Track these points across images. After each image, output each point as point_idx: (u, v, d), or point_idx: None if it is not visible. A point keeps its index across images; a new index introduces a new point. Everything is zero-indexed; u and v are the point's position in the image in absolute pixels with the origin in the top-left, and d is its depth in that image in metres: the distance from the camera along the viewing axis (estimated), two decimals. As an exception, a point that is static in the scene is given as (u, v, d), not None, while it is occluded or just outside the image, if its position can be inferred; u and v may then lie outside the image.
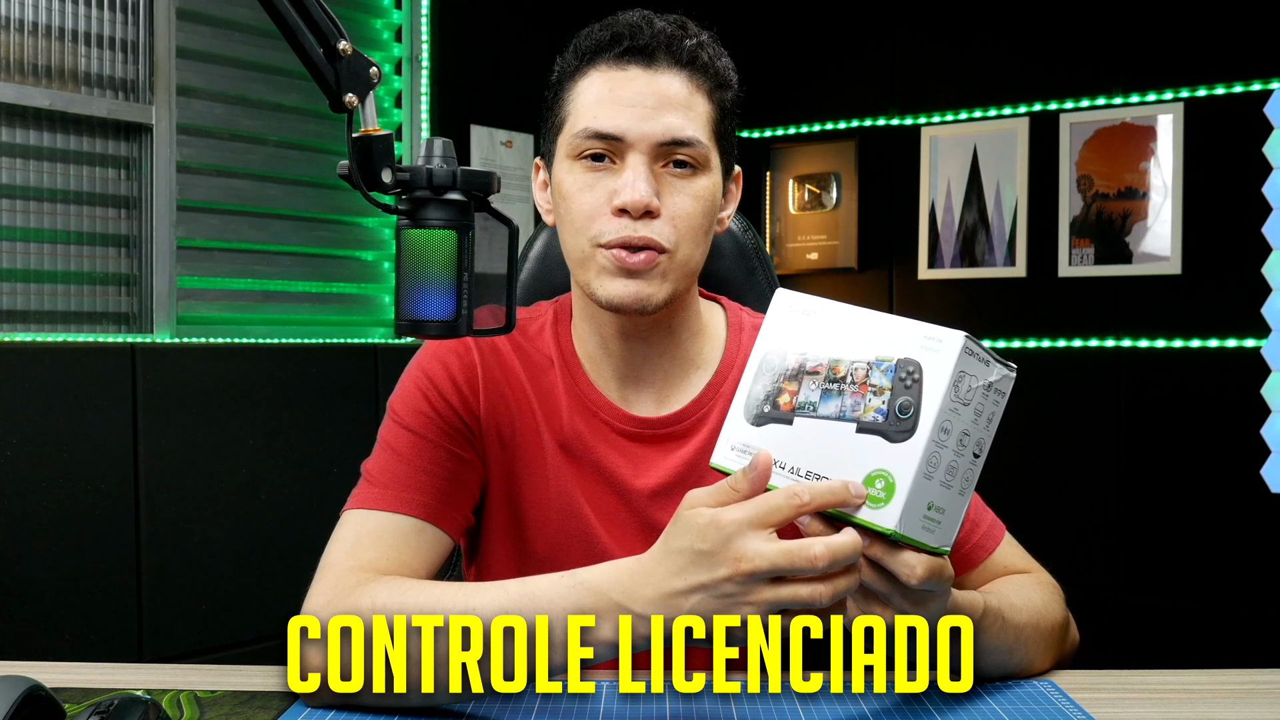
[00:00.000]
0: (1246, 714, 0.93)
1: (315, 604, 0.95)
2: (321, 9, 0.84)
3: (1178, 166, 3.27)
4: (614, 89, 1.04)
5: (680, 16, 1.09)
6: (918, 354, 0.80)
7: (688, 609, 0.80)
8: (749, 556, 0.78)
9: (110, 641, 2.47)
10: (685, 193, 1.04)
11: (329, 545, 1.02)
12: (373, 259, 3.21)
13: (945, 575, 0.83)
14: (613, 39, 1.05)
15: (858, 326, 0.84)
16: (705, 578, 0.79)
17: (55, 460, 2.41)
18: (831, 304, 0.87)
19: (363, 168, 0.84)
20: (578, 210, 1.05)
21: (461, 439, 1.09)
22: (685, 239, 1.04)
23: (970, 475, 0.82)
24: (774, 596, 0.79)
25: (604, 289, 1.04)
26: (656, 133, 1.03)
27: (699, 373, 1.14)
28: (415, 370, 1.12)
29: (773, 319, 0.89)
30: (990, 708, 0.93)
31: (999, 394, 0.82)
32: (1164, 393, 3.31)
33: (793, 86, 4.00)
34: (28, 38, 2.51)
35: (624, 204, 1.02)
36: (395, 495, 1.04)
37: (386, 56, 3.20)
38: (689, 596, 0.80)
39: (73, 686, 0.96)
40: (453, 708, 0.92)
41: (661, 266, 1.04)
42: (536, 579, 0.89)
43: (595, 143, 1.03)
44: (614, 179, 1.04)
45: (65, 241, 2.60)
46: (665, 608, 0.81)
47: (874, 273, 3.84)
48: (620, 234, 1.02)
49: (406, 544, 1.02)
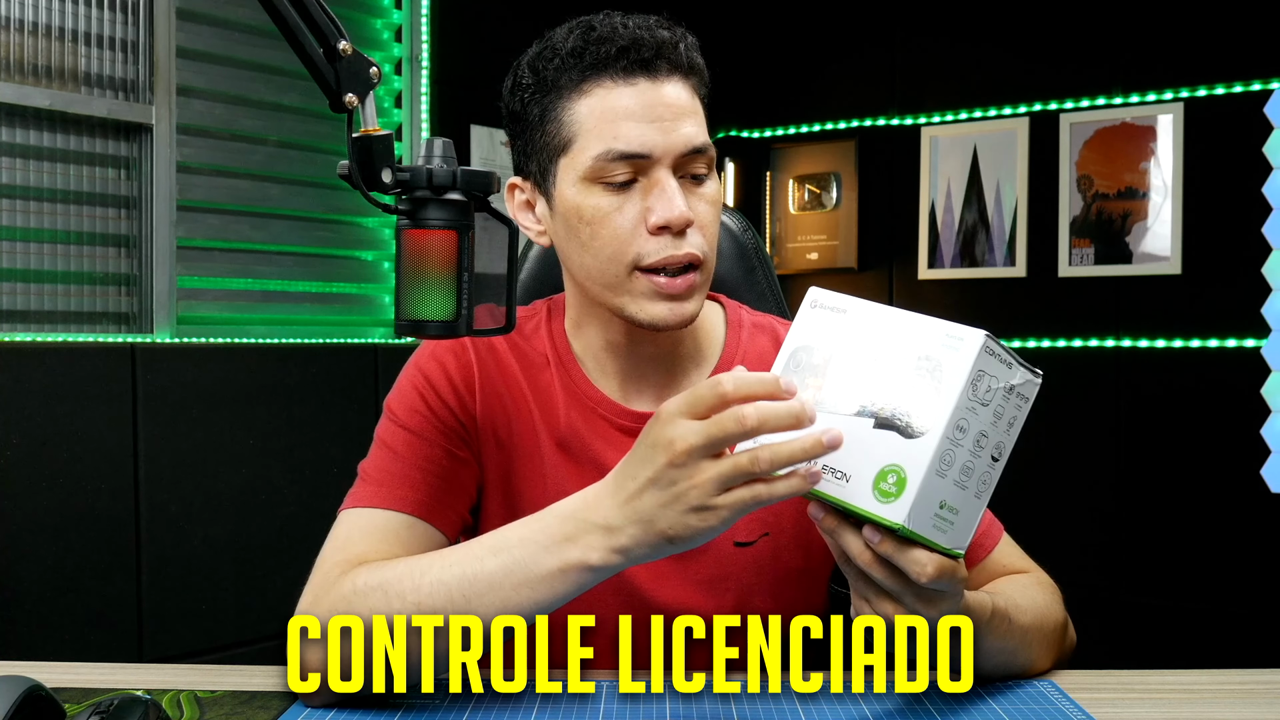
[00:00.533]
0: (1246, 714, 0.93)
1: (304, 602, 0.96)
2: (321, 9, 0.84)
3: (1178, 166, 3.27)
4: (631, 106, 1.01)
5: (661, 18, 1.06)
6: (937, 351, 0.81)
7: (646, 509, 0.82)
8: (680, 436, 0.80)
9: (110, 641, 2.47)
10: (705, 200, 1.04)
11: (324, 545, 1.02)
12: (373, 259, 3.21)
13: (958, 576, 0.83)
14: (618, 53, 1.01)
15: (884, 324, 0.85)
16: (650, 471, 0.82)
17: (55, 460, 2.41)
18: (863, 303, 0.87)
19: (363, 168, 0.84)
20: (610, 234, 1.02)
21: (458, 439, 1.09)
22: (712, 246, 1.05)
23: (988, 478, 0.82)
24: (716, 472, 0.80)
25: (644, 312, 1.04)
26: (679, 145, 1.01)
27: (697, 369, 1.14)
28: (412, 370, 1.12)
29: (804, 315, 0.89)
30: (990, 708, 0.93)
31: (1021, 398, 0.82)
32: (1164, 393, 3.31)
33: (793, 86, 4.00)
34: (28, 38, 2.51)
35: (667, 221, 1.00)
36: (389, 492, 1.04)
37: (386, 56, 3.20)
38: (643, 495, 0.82)
39: (73, 686, 0.96)
40: (452, 709, 0.92)
41: (699, 282, 1.04)
42: (508, 525, 0.91)
43: (622, 164, 1.01)
44: (642, 197, 1.02)
45: (65, 241, 2.60)
46: (626, 512, 0.83)
47: (874, 273, 3.84)
48: (663, 253, 1.01)
49: (397, 539, 1.02)
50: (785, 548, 1.10)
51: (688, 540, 0.82)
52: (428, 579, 0.89)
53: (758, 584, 1.09)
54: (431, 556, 0.93)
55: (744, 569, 1.09)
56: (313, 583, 0.97)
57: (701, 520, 0.81)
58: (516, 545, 0.88)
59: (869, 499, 0.80)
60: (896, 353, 0.82)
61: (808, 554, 1.11)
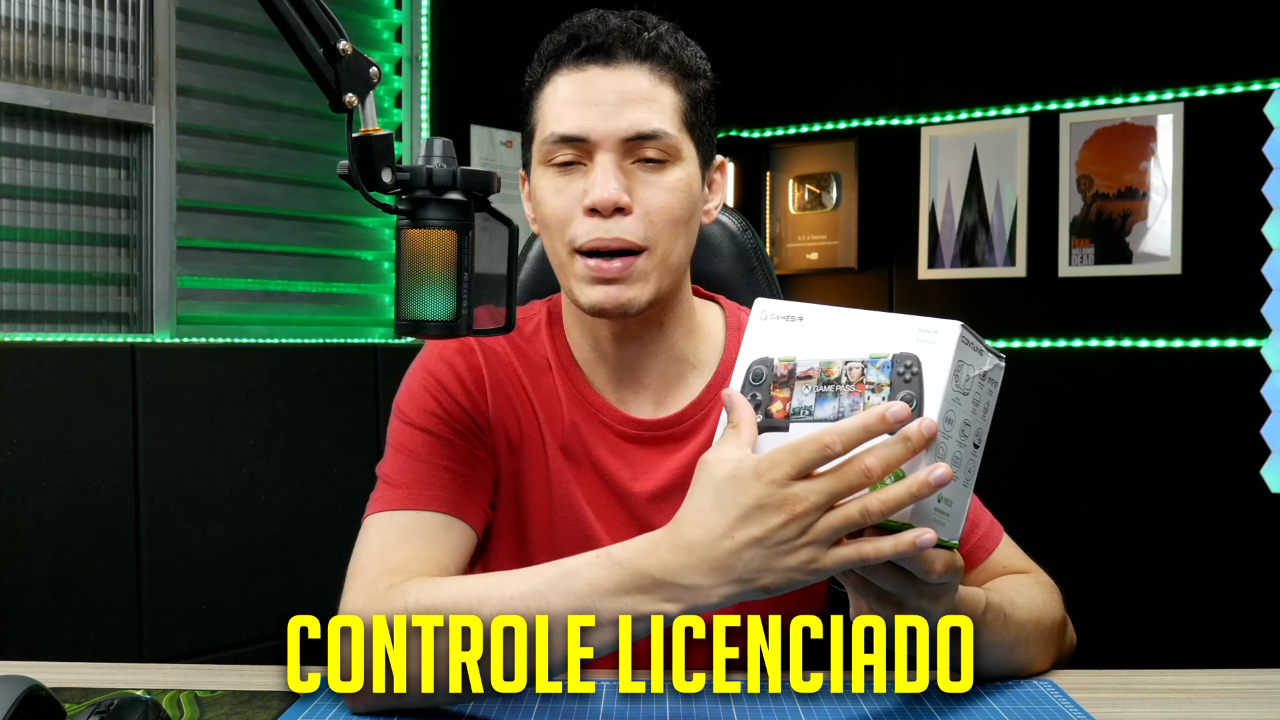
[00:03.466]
0: (1246, 714, 0.93)
1: (350, 610, 0.93)
2: (321, 9, 0.84)
3: (1178, 166, 3.27)
4: (575, 91, 1.04)
5: (638, 11, 1.08)
6: (914, 347, 0.80)
7: (748, 568, 0.79)
8: (802, 497, 0.77)
9: (110, 641, 2.47)
10: (657, 186, 1.03)
11: (356, 551, 1.00)
12: (373, 259, 3.21)
13: (957, 567, 0.83)
14: (570, 41, 1.05)
15: (846, 327, 0.83)
16: (758, 531, 0.78)
17: (55, 460, 2.41)
18: (816, 307, 0.86)
19: (363, 168, 0.84)
20: (551, 214, 1.05)
21: (474, 438, 1.08)
22: (662, 234, 1.03)
23: (972, 466, 0.82)
24: (828, 526, 0.77)
25: (585, 296, 1.04)
26: (621, 129, 1.02)
27: (697, 374, 1.13)
28: (421, 372, 1.11)
29: (754, 328, 0.88)
30: (990, 708, 0.93)
31: (992, 383, 0.83)
32: (1164, 393, 3.31)
33: (793, 86, 4.00)
34: (28, 38, 2.51)
35: (593, 203, 1.01)
36: (419, 494, 1.03)
37: (386, 56, 3.20)
38: (743, 554, 0.79)
39: (73, 686, 0.96)
40: (452, 709, 0.92)
41: (640, 268, 1.03)
42: (572, 559, 0.87)
43: (563, 147, 1.03)
44: (584, 180, 1.03)
45: (65, 241, 2.60)
46: (721, 574, 0.80)
47: (874, 273, 3.84)
48: (593, 235, 1.02)
49: (436, 541, 1.01)
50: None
51: (785, 589, 0.80)
52: (488, 608, 0.86)
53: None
54: (489, 582, 0.89)
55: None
56: (354, 591, 0.95)
57: (806, 574, 0.79)
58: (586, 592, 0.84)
59: None
60: (867, 353, 0.82)
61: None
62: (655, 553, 0.83)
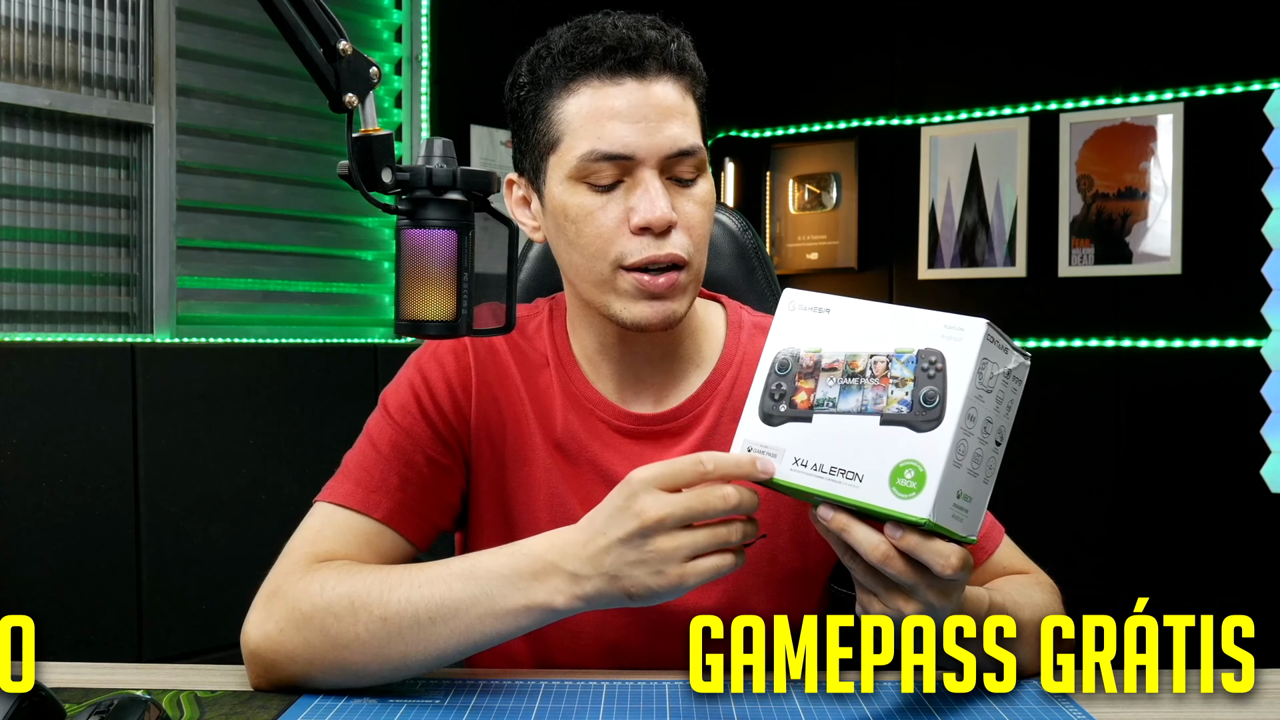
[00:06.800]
0: (1246, 714, 0.93)
1: (267, 587, 1.00)
2: (321, 9, 0.84)
3: (1178, 166, 3.27)
4: (613, 105, 1.00)
5: (653, 16, 1.06)
6: (939, 343, 0.81)
7: (612, 566, 0.85)
8: (655, 506, 0.83)
9: (110, 641, 2.47)
10: (693, 201, 1.03)
11: (296, 531, 1.07)
12: (373, 259, 3.21)
13: (969, 564, 0.83)
14: (605, 52, 1.01)
15: (873, 320, 0.84)
16: (619, 532, 0.85)
17: (55, 460, 2.41)
18: (844, 300, 0.87)
19: (363, 168, 0.84)
20: (594, 233, 1.02)
21: (442, 445, 1.09)
22: (699, 247, 1.04)
23: (993, 464, 0.83)
24: (690, 542, 0.84)
25: (628, 312, 1.03)
26: (664, 146, 1.01)
27: (697, 370, 1.13)
28: (412, 369, 1.12)
29: (782, 318, 0.88)
30: (990, 708, 0.93)
31: (1016, 381, 0.83)
32: (1164, 393, 3.31)
33: (793, 86, 4.00)
34: (28, 38, 2.51)
35: (647, 222, 1.00)
36: (365, 495, 1.06)
37: (386, 56, 3.20)
38: (610, 552, 0.85)
39: (73, 686, 0.96)
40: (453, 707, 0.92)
41: (682, 281, 1.03)
42: (479, 553, 0.94)
43: (606, 165, 1.00)
44: (626, 197, 1.01)
45: (65, 241, 2.60)
46: (594, 564, 0.86)
47: (874, 273, 3.84)
48: (645, 253, 1.01)
49: (367, 544, 1.05)
50: (783, 549, 1.10)
51: (645, 599, 0.86)
52: (396, 595, 0.93)
53: (755, 585, 1.09)
54: (401, 572, 0.95)
55: (741, 571, 1.09)
56: (279, 569, 1.02)
57: (662, 584, 0.84)
58: (485, 577, 0.91)
59: (887, 496, 0.80)
60: (893, 348, 0.82)
61: (805, 555, 1.11)
62: (559, 538, 0.90)
